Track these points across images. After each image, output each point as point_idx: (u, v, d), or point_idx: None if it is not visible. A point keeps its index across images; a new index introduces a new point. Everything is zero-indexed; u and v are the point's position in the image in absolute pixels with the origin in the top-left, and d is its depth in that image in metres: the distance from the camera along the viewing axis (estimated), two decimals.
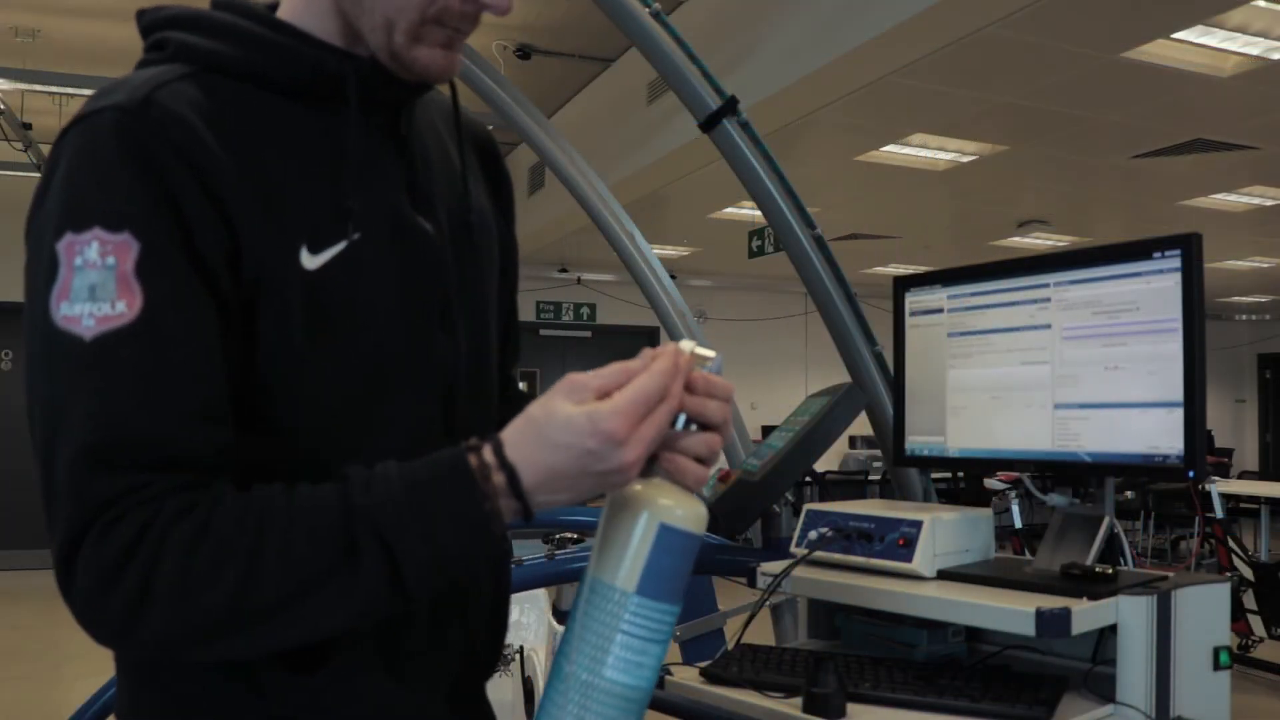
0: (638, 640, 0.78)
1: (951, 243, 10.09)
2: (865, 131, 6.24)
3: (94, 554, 0.74)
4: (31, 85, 5.95)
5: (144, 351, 0.76)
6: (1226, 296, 13.57)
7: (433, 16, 0.85)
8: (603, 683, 0.78)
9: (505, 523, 0.78)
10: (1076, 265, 1.45)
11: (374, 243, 0.87)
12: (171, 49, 0.86)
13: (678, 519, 0.79)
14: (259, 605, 0.75)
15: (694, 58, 2.42)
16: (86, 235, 0.76)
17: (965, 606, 1.33)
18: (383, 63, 0.88)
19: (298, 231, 0.83)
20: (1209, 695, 1.31)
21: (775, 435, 2.04)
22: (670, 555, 0.79)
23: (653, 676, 0.80)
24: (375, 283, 0.87)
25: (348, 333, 0.85)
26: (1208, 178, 7.18)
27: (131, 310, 0.76)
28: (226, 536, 0.75)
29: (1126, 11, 4.41)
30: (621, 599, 0.78)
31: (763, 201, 2.38)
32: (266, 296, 0.81)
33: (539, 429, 0.77)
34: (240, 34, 0.86)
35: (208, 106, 0.81)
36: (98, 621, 0.75)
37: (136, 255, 0.76)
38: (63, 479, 0.76)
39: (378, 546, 0.75)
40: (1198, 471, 1.33)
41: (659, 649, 0.80)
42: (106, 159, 0.78)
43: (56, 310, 0.76)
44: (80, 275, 0.76)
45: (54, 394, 0.76)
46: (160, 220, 0.77)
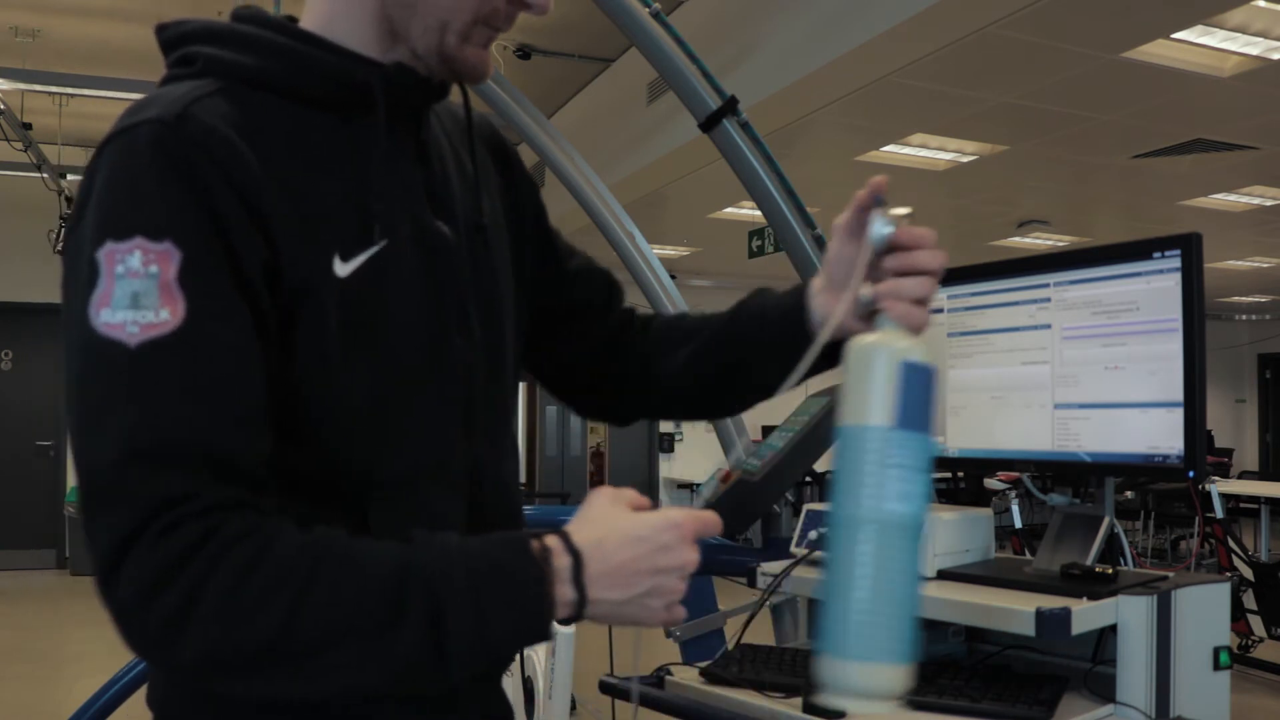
0: (907, 470, 0.85)
1: (951, 243, 10.07)
2: (865, 131, 6.24)
3: (145, 559, 0.73)
4: (31, 85, 5.95)
5: (189, 359, 0.76)
6: (1226, 296, 13.57)
7: (482, 17, 0.90)
8: (886, 515, 0.84)
9: (558, 612, 0.79)
10: (1076, 265, 1.45)
11: (398, 249, 0.88)
12: (201, 63, 0.87)
13: (917, 354, 0.87)
14: (299, 644, 0.74)
15: (694, 58, 2.42)
16: (128, 244, 0.76)
17: (965, 606, 1.33)
18: (429, 64, 0.90)
19: (330, 240, 0.84)
20: (1209, 695, 1.31)
21: (775, 435, 2.04)
22: (916, 388, 0.86)
23: (924, 504, 0.86)
24: (401, 288, 0.88)
25: (377, 338, 0.87)
26: (1208, 178, 7.18)
27: (175, 318, 0.76)
28: (281, 569, 0.74)
29: (1126, 11, 4.41)
30: (884, 436, 0.84)
31: (763, 201, 2.38)
32: (305, 306, 0.82)
33: (613, 521, 0.82)
34: (268, 47, 0.87)
35: (241, 120, 0.83)
36: (136, 630, 0.75)
37: (179, 264, 0.76)
38: (110, 481, 0.75)
39: (427, 610, 0.75)
40: (1198, 471, 1.33)
41: (924, 476, 0.86)
42: (146, 171, 0.78)
43: (96, 317, 0.76)
44: (122, 283, 0.76)
45: (98, 400, 0.76)
46: (200, 231, 0.78)
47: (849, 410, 0.87)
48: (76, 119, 8.05)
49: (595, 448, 12.34)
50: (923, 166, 7.01)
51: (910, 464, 0.85)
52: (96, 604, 0.78)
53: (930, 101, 5.56)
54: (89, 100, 7.33)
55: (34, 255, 8.51)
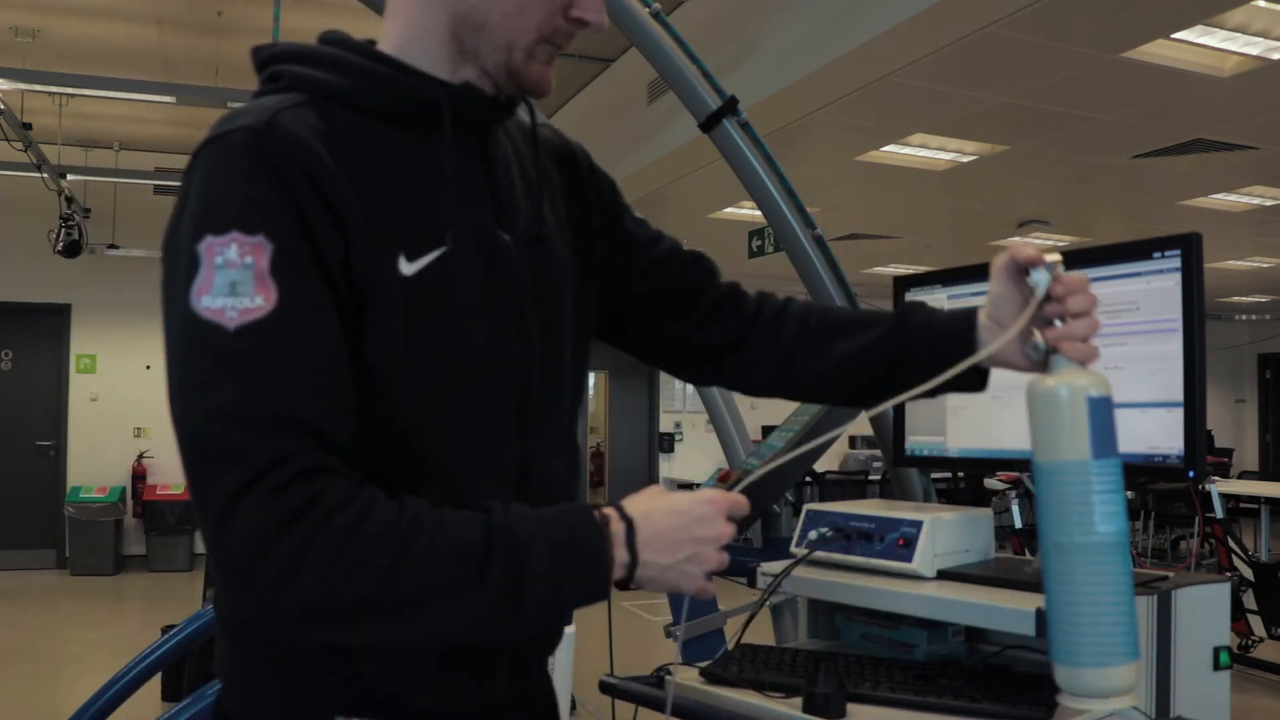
0: (1108, 494, 0.95)
1: (951, 243, 10.09)
2: (865, 131, 6.24)
3: (256, 515, 0.80)
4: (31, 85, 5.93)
5: (282, 340, 0.84)
6: (1226, 296, 13.56)
7: (545, 36, 0.98)
8: (1097, 538, 0.94)
9: (614, 573, 0.90)
10: (1076, 265, 1.45)
11: (462, 254, 0.96)
12: (287, 80, 0.96)
13: (1097, 389, 0.96)
14: (394, 598, 0.82)
15: (694, 58, 2.42)
16: (226, 238, 0.84)
17: (965, 606, 1.33)
18: (496, 80, 0.99)
19: (396, 241, 0.92)
20: (1209, 695, 1.31)
21: (775, 435, 2.04)
22: (1103, 418, 0.96)
23: (1126, 519, 0.97)
24: (462, 290, 0.96)
25: (437, 334, 0.94)
26: (1208, 178, 7.17)
27: (268, 304, 0.84)
28: (381, 531, 0.83)
29: (1126, 11, 4.41)
30: (1084, 468, 0.95)
31: (763, 201, 2.38)
32: (371, 301, 0.90)
33: (654, 496, 0.94)
34: (347, 66, 0.96)
35: (322, 129, 0.91)
36: (246, 583, 0.82)
37: (270, 255, 0.85)
38: (217, 443, 0.82)
39: (508, 570, 0.85)
40: (1198, 471, 1.33)
41: (1122, 495, 0.96)
42: (239, 172, 0.87)
43: (198, 302, 0.84)
44: (221, 273, 0.84)
45: (201, 375, 0.84)
46: (289, 226, 0.86)
47: (1044, 447, 0.97)
48: (76, 119, 8.05)
49: (595, 448, 12.34)
50: (923, 166, 7.01)
51: (1109, 488, 0.95)
52: (96, 604, 0.78)
53: (930, 101, 5.56)
54: (89, 100, 7.33)
55: (34, 255, 8.52)
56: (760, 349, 1.22)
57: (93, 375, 9.36)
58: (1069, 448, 0.95)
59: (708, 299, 1.23)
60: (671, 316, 1.22)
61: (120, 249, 8.65)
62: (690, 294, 1.23)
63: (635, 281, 1.20)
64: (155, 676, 2.48)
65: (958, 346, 1.10)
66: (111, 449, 9.24)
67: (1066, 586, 0.95)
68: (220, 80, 7.00)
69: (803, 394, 1.28)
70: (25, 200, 8.20)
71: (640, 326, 1.23)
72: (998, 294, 1.08)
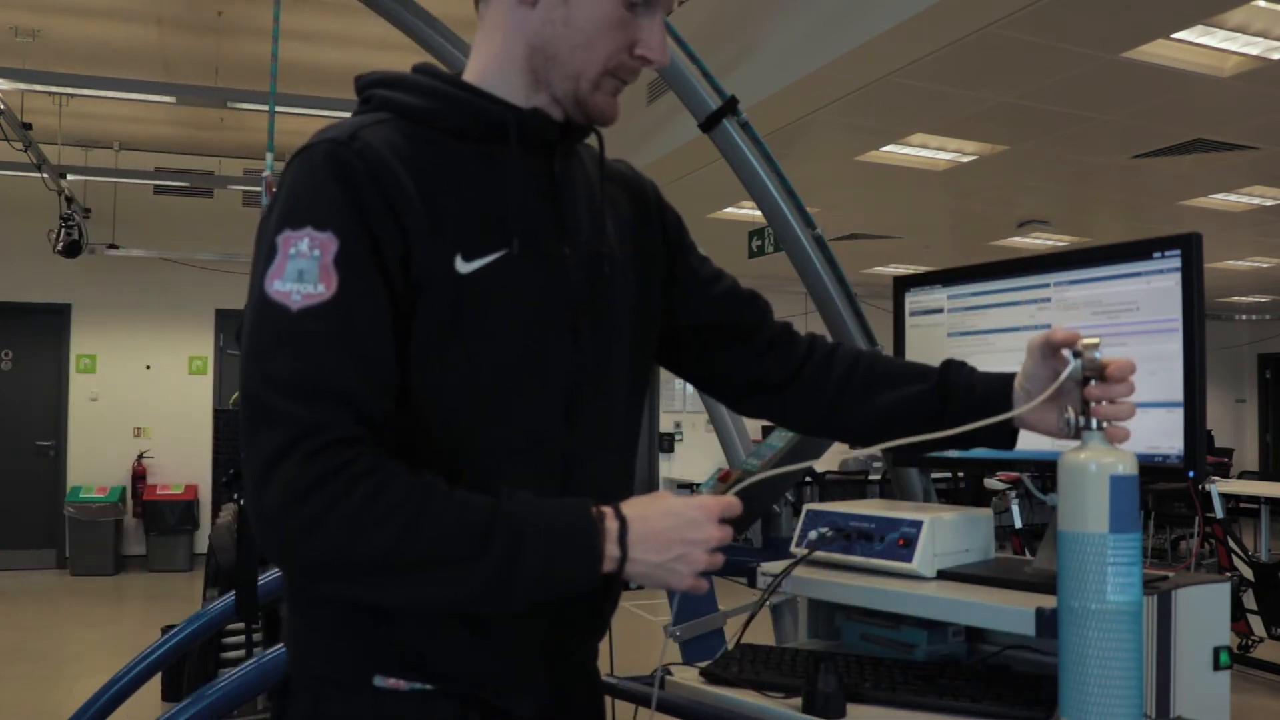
0: (1123, 566, 1.02)
1: (951, 243, 10.09)
2: (865, 131, 6.24)
3: (295, 472, 0.92)
4: (31, 85, 5.94)
5: (336, 324, 0.97)
6: (1226, 296, 13.56)
7: (610, 69, 1.10)
8: (1109, 606, 1.01)
9: (605, 565, 0.99)
10: (1076, 265, 1.45)
11: (520, 261, 1.06)
12: (376, 102, 1.10)
13: (1124, 468, 1.03)
14: (403, 560, 0.93)
15: (694, 58, 2.42)
16: (300, 233, 0.98)
17: (965, 606, 1.33)
18: (566, 108, 1.11)
19: (455, 243, 1.03)
20: (1209, 695, 1.31)
21: (775, 435, 2.04)
22: (1126, 496, 1.02)
23: (1140, 591, 1.03)
24: (516, 294, 1.06)
25: (485, 329, 1.04)
26: (1208, 178, 7.17)
27: (329, 291, 0.97)
28: (398, 499, 0.94)
29: (1126, 11, 4.41)
30: (1100, 540, 1.02)
31: (763, 201, 2.38)
32: (425, 295, 1.01)
33: (652, 499, 1.04)
34: (428, 90, 1.09)
35: (399, 144, 1.04)
36: (275, 531, 0.93)
37: (336, 250, 0.98)
38: (269, 405, 0.94)
39: (507, 547, 0.95)
40: (1198, 471, 1.33)
41: (1138, 569, 1.03)
42: (319, 177, 1.00)
43: (270, 285, 0.97)
44: (292, 262, 0.97)
45: (265, 346, 0.96)
46: (355, 226, 0.99)
47: (1068, 516, 1.04)
48: (76, 119, 8.05)
49: None
50: (923, 166, 7.01)
51: (1125, 561, 1.02)
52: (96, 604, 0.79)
53: (930, 101, 5.56)
54: (89, 100, 7.33)
55: (34, 255, 8.52)
56: (807, 391, 1.32)
57: (93, 375, 9.36)
58: (1091, 520, 1.02)
59: (761, 336, 1.32)
60: (725, 349, 1.32)
61: (120, 249, 8.64)
62: (744, 330, 1.32)
63: (693, 313, 1.30)
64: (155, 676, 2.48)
65: (995, 412, 1.20)
66: (111, 449, 9.24)
67: (1079, 648, 1.02)
68: (220, 80, 6.99)
69: (844, 437, 1.35)
70: (25, 200, 8.20)
71: (693, 356, 1.33)
72: (1030, 369, 1.17)
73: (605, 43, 1.08)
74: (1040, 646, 1.45)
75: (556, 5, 1.07)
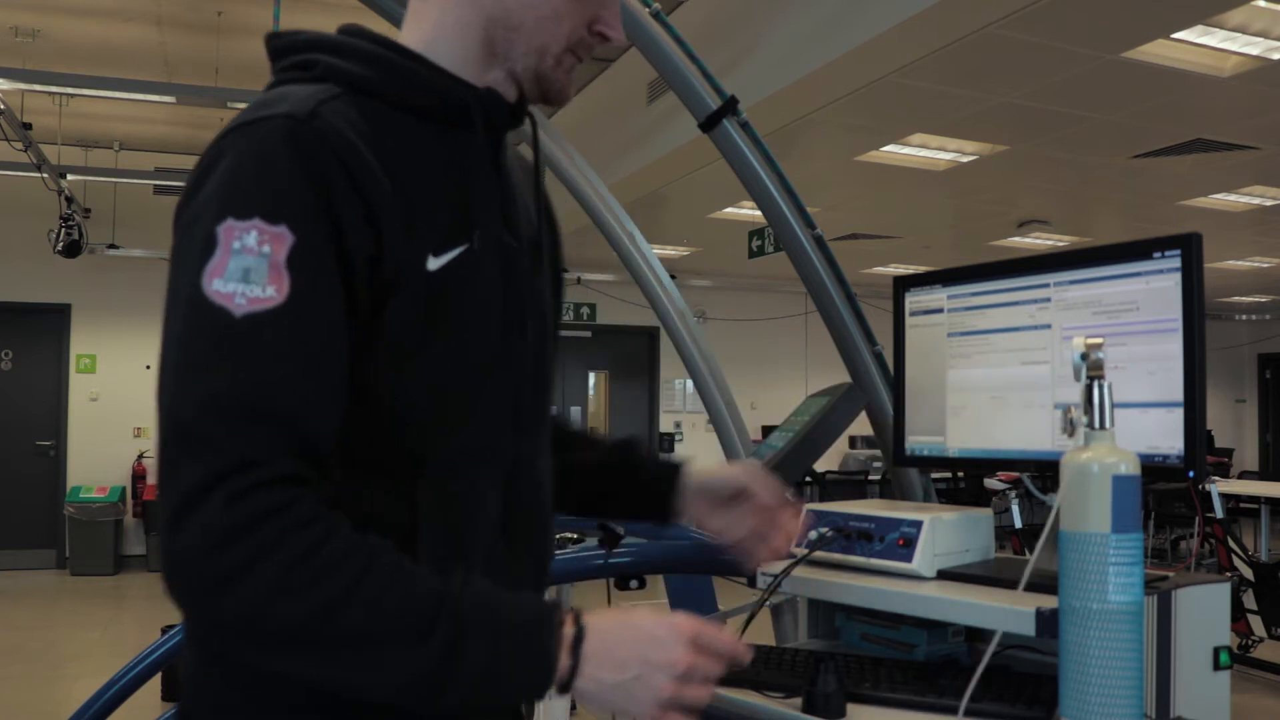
0: (1124, 566, 1.02)
1: (951, 243, 10.09)
2: (865, 131, 6.24)
3: (217, 513, 0.78)
4: (31, 85, 5.93)
5: (286, 334, 0.83)
6: (1226, 296, 13.56)
7: (572, 45, 1.02)
8: (1110, 606, 1.01)
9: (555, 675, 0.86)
10: (1076, 265, 1.45)
11: (480, 256, 0.98)
12: (320, 70, 0.95)
13: (1126, 467, 1.03)
14: (332, 632, 0.80)
15: (694, 58, 2.42)
16: (247, 223, 0.84)
17: (965, 606, 1.33)
18: (524, 84, 1.03)
19: (426, 238, 0.93)
20: (1209, 695, 1.31)
21: (775, 435, 2.04)
22: (1128, 496, 1.02)
23: (1141, 591, 1.03)
24: (481, 288, 0.98)
25: (454, 330, 0.95)
26: (1208, 178, 7.17)
27: (279, 296, 0.83)
28: (334, 560, 0.81)
29: (1126, 11, 4.41)
30: (1102, 540, 1.02)
31: (763, 201, 2.38)
32: (398, 295, 0.90)
33: (619, 615, 0.90)
34: (383, 63, 0.96)
35: (360, 123, 0.91)
36: (189, 576, 0.79)
37: (290, 248, 0.84)
38: (196, 431, 0.81)
39: (452, 637, 0.82)
40: (1198, 471, 1.33)
41: (1139, 569, 1.03)
42: (275, 159, 0.86)
43: (209, 284, 0.83)
44: (236, 259, 0.83)
45: (197, 358, 0.83)
46: (316, 221, 0.86)
47: (1070, 516, 1.04)
48: (76, 119, 8.05)
49: None
50: (923, 166, 7.01)
51: (1126, 561, 1.02)
52: (96, 604, 0.78)
53: (930, 101, 5.56)
54: (89, 100, 7.33)
55: (34, 255, 8.51)
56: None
57: (92, 375, 9.36)
58: (1092, 519, 1.02)
59: None
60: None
61: (120, 249, 8.65)
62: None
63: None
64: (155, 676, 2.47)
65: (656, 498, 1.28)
66: (111, 449, 9.24)
67: (1080, 649, 1.02)
68: (220, 80, 6.99)
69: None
70: (25, 200, 8.20)
71: None
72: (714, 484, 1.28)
73: (571, 15, 1.01)
74: (1040, 647, 1.45)
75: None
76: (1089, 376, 1.10)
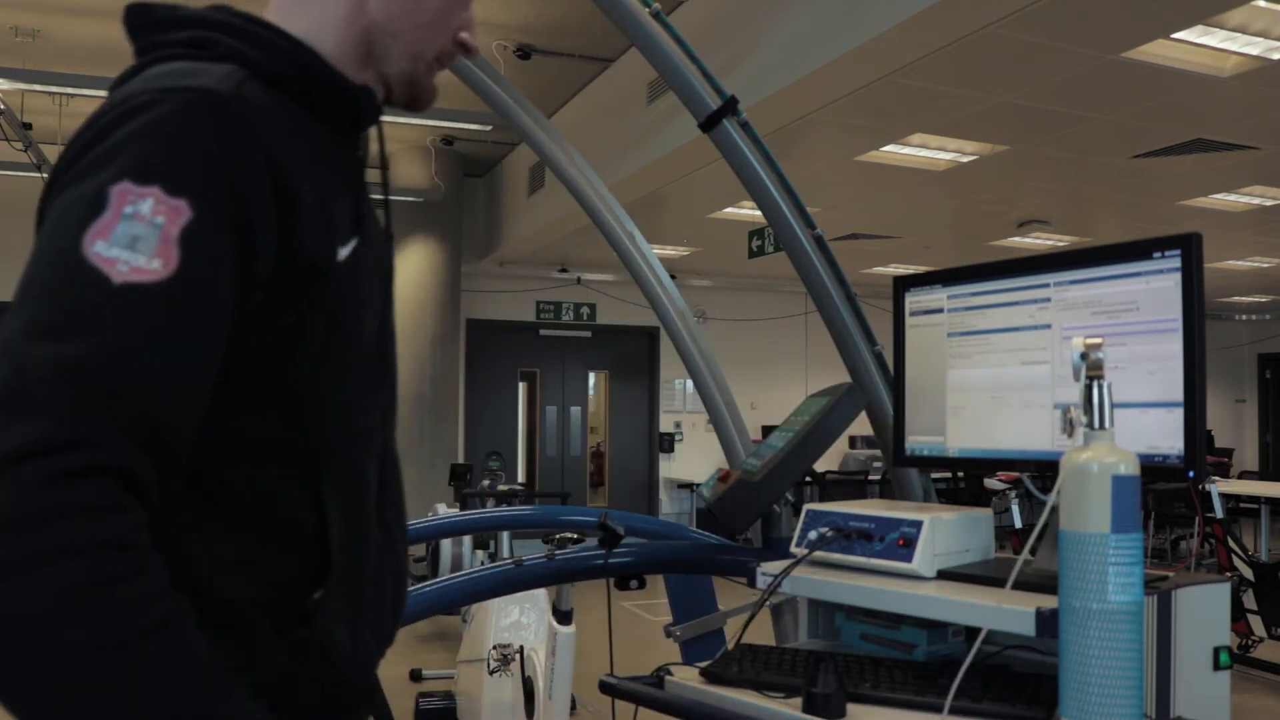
0: (1124, 566, 1.02)
1: (951, 243, 10.08)
2: (865, 131, 6.23)
3: (30, 488, 0.70)
4: (31, 85, 5.94)
5: (162, 312, 0.77)
6: (1226, 296, 13.56)
7: (440, 54, 1.07)
8: (1110, 606, 1.02)
9: None
10: (1076, 265, 1.45)
11: (368, 248, 1.00)
12: (223, 50, 0.91)
13: (1125, 468, 1.03)
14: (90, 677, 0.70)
15: (694, 58, 2.42)
16: (145, 190, 0.78)
17: (965, 606, 1.33)
18: (395, 88, 1.06)
19: (335, 228, 0.93)
20: (1209, 695, 1.31)
21: (775, 435, 2.04)
22: (1125, 496, 1.03)
23: (1141, 591, 1.04)
24: (369, 282, 1.00)
25: (355, 319, 0.96)
26: (1208, 178, 7.17)
27: (165, 271, 0.78)
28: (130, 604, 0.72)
29: (1126, 11, 4.41)
30: (1102, 540, 1.02)
31: (763, 201, 2.38)
32: (315, 285, 0.89)
33: None
34: (284, 52, 0.94)
35: (274, 110, 0.89)
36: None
37: (185, 223, 0.79)
38: (40, 392, 0.73)
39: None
40: (1198, 471, 1.33)
41: (1139, 569, 1.03)
42: (191, 130, 0.82)
43: (90, 245, 0.77)
44: (126, 223, 0.78)
45: (62, 317, 0.75)
46: (222, 199, 0.81)
47: (1070, 516, 1.05)
48: (76, 119, 8.00)
49: (595, 448, 12.34)
50: (923, 166, 7.01)
51: (1126, 561, 1.02)
52: None
53: (930, 101, 5.56)
54: (89, 100, 7.31)
55: None
56: None
57: None
58: (1092, 519, 1.03)
59: None
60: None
61: None
62: None
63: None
64: None
65: None
66: None
67: (1079, 648, 1.03)
68: None
69: None
70: (25, 200, 8.18)
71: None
72: None
73: (444, 24, 1.05)
74: (1040, 647, 1.45)
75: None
76: (1089, 376, 1.10)
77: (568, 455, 11.82)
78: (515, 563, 2.10)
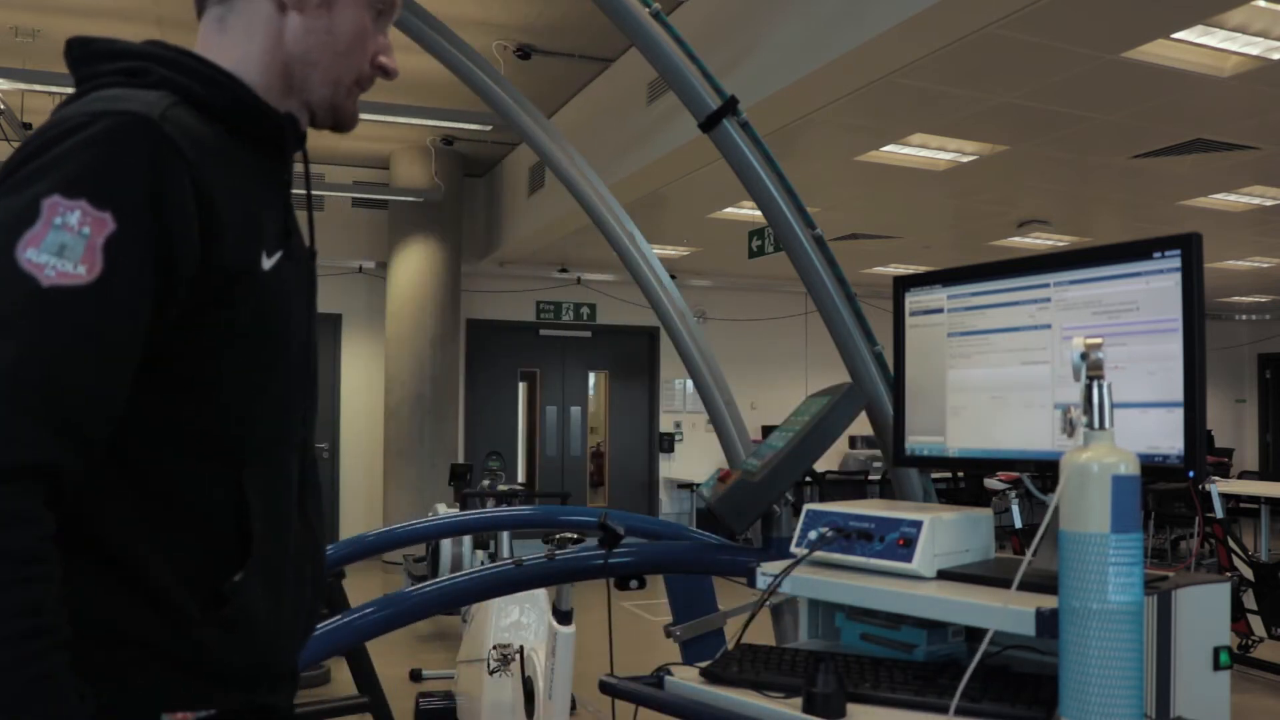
0: (1124, 566, 1.03)
1: (951, 243, 10.08)
2: (865, 131, 6.23)
3: None
4: (31, 85, 5.94)
5: (87, 314, 0.87)
6: (1226, 296, 13.56)
7: (359, 78, 1.15)
8: (1110, 606, 1.02)
9: None
10: (1076, 265, 1.45)
11: (292, 263, 1.09)
12: (155, 79, 1.01)
13: (1125, 468, 1.04)
14: None
15: (694, 58, 2.42)
16: (73, 203, 0.88)
17: (965, 606, 1.33)
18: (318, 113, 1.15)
19: (260, 240, 1.03)
20: (1209, 695, 1.31)
21: (775, 435, 2.04)
22: (1125, 496, 1.03)
23: (1140, 591, 1.04)
24: (292, 294, 1.09)
25: (280, 325, 1.05)
26: (1208, 178, 7.17)
27: (89, 275, 0.87)
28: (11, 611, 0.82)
29: (1126, 11, 4.41)
30: (1102, 540, 1.03)
31: (763, 201, 2.38)
32: (238, 289, 0.99)
33: None
34: (211, 81, 1.04)
35: (201, 131, 0.99)
36: None
37: (110, 234, 0.88)
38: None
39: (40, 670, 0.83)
40: (1198, 471, 1.33)
41: (1139, 569, 1.04)
42: (119, 150, 0.91)
43: (22, 251, 0.86)
44: (55, 233, 0.87)
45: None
46: (146, 213, 0.90)
47: (1070, 516, 1.05)
48: None
49: (595, 448, 12.34)
50: (923, 166, 7.01)
51: (1126, 561, 1.03)
52: None
53: (930, 101, 5.56)
54: None
55: None
56: None
57: None
58: (1092, 519, 1.03)
59: None
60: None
61: None
62: None
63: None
64: None
65: None
66: None
67: (1079, 648, 1.03)
68: None
69: None
70: None
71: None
72: None
73: (360, 51, 1.14)
74: (1040, 647, 1.45)
75: (321, 15, 1.11)
76: (1089, 376, 1.10)
77: (568, 455, 11.82)
78: (515, 563, 2.10)
